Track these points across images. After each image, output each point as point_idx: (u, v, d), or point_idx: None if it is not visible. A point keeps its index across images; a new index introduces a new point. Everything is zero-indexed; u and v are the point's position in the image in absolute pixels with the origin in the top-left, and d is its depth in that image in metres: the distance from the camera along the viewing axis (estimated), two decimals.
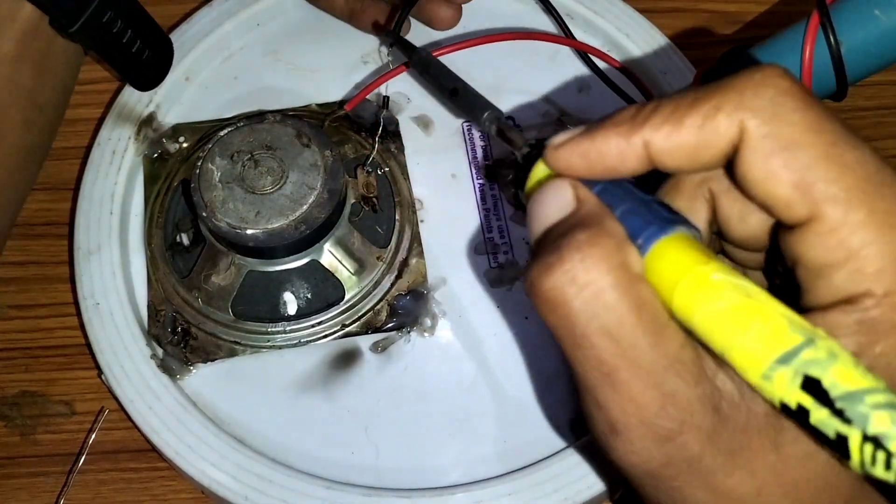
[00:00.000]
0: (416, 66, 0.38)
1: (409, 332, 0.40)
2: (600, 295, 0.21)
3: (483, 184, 0.43)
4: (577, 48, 0.46)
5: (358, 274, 0.40)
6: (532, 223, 0.24)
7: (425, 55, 0.38)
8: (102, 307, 0.39)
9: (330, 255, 0.39)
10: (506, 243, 0.42)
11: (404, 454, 0.38)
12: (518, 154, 0.27)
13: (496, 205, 0.43)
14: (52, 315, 0.43)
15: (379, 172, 0.42)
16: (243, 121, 0.39)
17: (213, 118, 0.44)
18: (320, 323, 0.39)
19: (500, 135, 0.30)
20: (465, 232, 0.42)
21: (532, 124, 0.44)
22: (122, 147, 0.43)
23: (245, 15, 0.47)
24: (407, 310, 0.40)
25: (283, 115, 0.39)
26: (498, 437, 0.38)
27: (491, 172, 0.43)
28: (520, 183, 0.26)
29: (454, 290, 0.41)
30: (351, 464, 0.37)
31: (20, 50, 0.38)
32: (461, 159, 0.44)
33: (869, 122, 0.48)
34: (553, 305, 0.22)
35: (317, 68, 0.46)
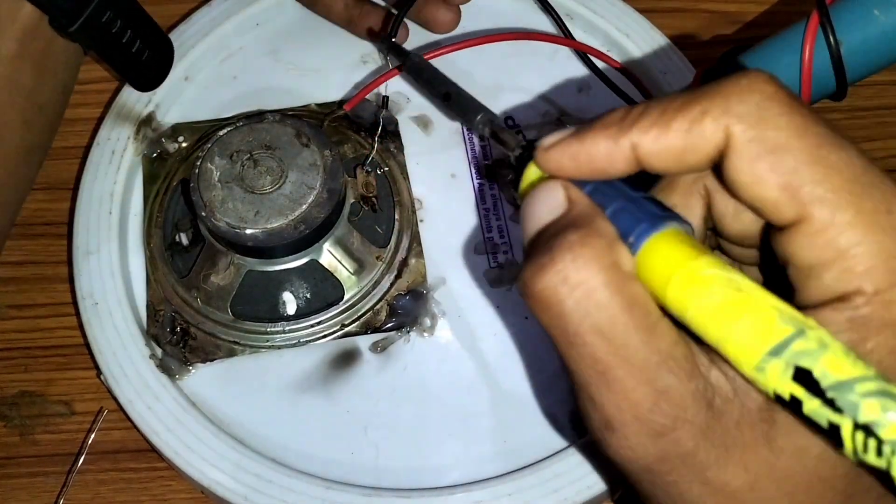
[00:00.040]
0: (409, 72, 0.38)
1: (408, 332, 0.40)
2: (592, 294, 0.22)
3: (483, 183, 0.43)
4: (577, 48, 0.46)
5: (357, 274, 0.40)
6: (525, 224, 0.24)
7: (417, 61, 0.38)
8: (101, 307, 0.39)
9: (329, 255, 0.39)
10: (505, 243, 0.42)
11: (404, 454, 0.38)
12: (511, 156, 0.27)
13: (496, 205, 0.43)
14: (51, 315, 0.43)
15: (378, 172, 0.42)
16: (242, 120, 0.39)
17: (212, 118, 0.44)
18: (319, 323, 0.39)
19: (494, 137, 0.30)
20: (464, 232, 0.42)
21: (532, 124, 0.44)
22: (122, 147, 0.43)
23: (245, 15, 0.47)
24: (406, 310, 0.40)
25: (283, 115, 0.39)
26: (497, 437, 0.38)
27: (490, 172, 0.43)
28: (515, 183, 0.26)
29: (454, 290, 0.41)
30: (350, 464, 0.37)
31: (20, 50, 0.38)
32: (461, 159, 0.44)
33: (869, 122, 0.48)
34: (546, 305, 0.22)
35: (316, 68, 0.46)
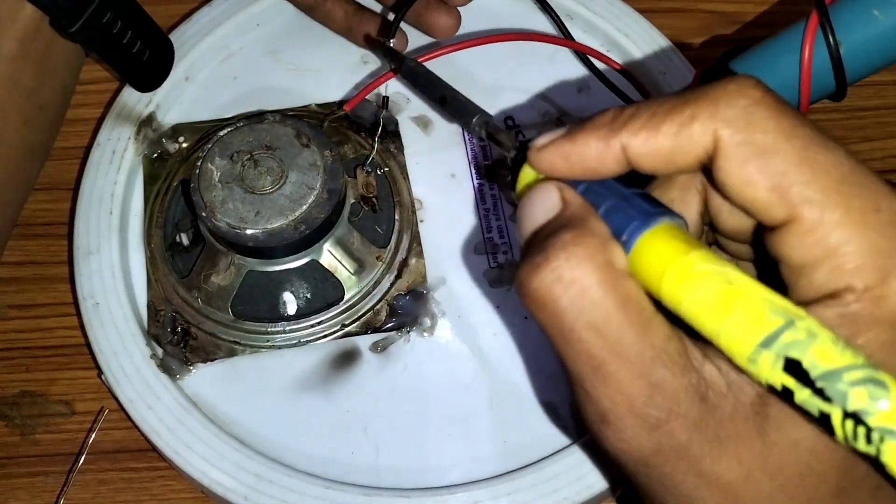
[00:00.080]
0: (404, 76, 0.38)
1: (408, 332, 0.40)
2: (586, 292, 0.22)
3: (482, 184, 0.43)
4: (576, 49, 0.46)
5: (357, 274, 0.40)
6: (521, 225, 0.25)
7: (413, 66, 0.38)
8: (102, 307, 0.39)
9: (329, 255, 0.39)
10: (505, 243, 0.42)
11: (404, 454, 0.38)
12: (508, 157, 0.27)
13: (496, 205, 0.43)
14: (52, 315, 0.43)
15: (378, 172, 0.42)
16: (243, 121, 0.39)
17: (212, 118, 0.45)
18: (320, 323, 0.39)
19: (490, 138, 0.30)
20: (464, 232, 0.42)
21: (532, 124, 0.44)
22: (122, 147, 0.43)
23: (245, 15, 0.47)
24: (406, 310, 0.40)
25: (283, 115, 0.39)
26: (497, 436, 0.38)
27: (490, 172, 0.43)
28: (513, 184, 0.27)
29: (454, 290, 0.41)
30: (350, 463, 0.37)
31: (21, 50, 0.39)
32: (461, 159, 0.44)
33: (869, 122, 0.48)
34: (542, 303, 0.23)
35: (316, 68, 0.46)
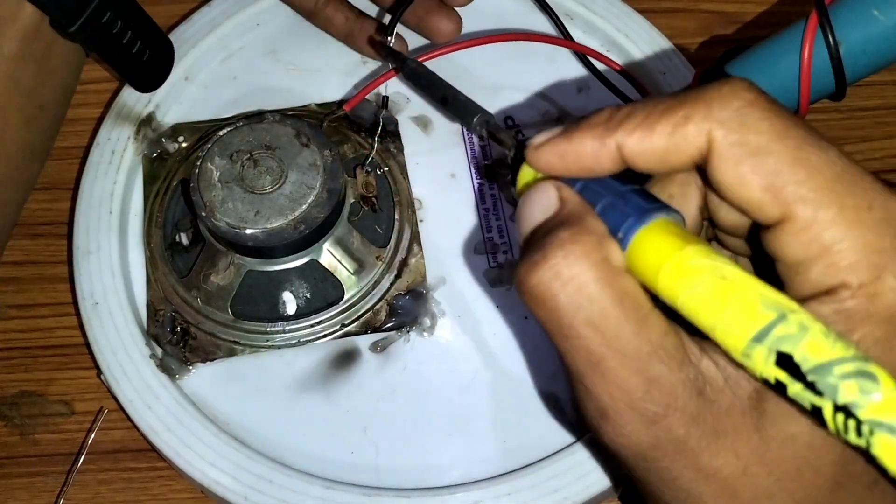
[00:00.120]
0: (406, 77, 0.39)
1: (408, 331, 0.40)
2: (583, 288, 0.22)
3: (482, 183, 0.43)
4: (576, 50, 0.46)
5: (357, 273, 0.40)
6: (520, 224, 0.25)
7: (414, 66, 0.38)
8: (101, 307, 0.39)
9: (329, 255, 0.39)
10: (505, 243, 0.42)
11: (404, 454, 0.38)
12: (508, 155, 0.28)
13: (495, 204, 0.43)
14: (52, 315, 0.43)
15: (378, 172, 0.42)
16: (242, 121, 0.39)
17: (212, 118, 0.45)
18: (319, 323, 0.39)
19: (492, 137, 0.31)
20: (464, 232, 0.42)
21: (531, 124, 0.44)
22: (122, 147, 0.43)
23: (245, 15, 0.47)
24: (406, 309, 0.40)
25: (283, 115, 0.39)
26: (497, 436, 0.38)
27: (490, 172, 0.43)
28: (513, 182, 0.27)
29: (454, 290, 0.41)
30: (350, 463, 0.37)
31: (21, 50, 0.39)
32: (460, 159, 0.44)
33: (869, 122, 0.48)
34: (541, 300, 0.23)
35: (316, 68, 0.46)
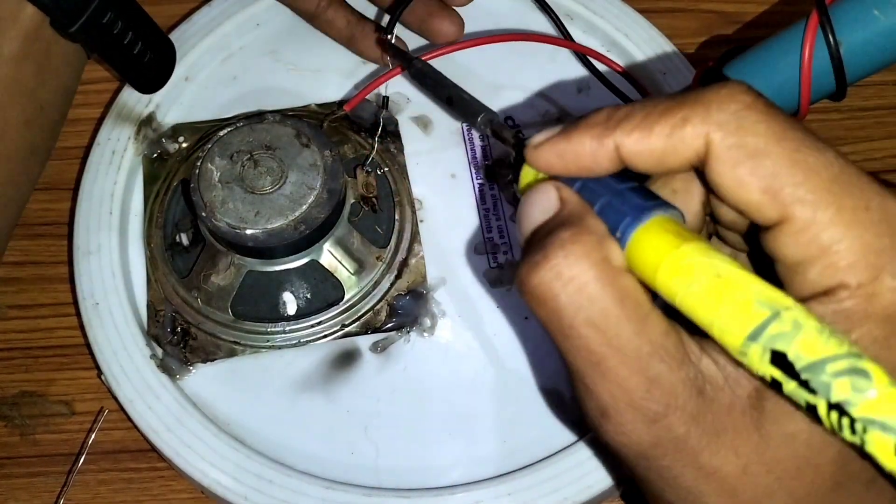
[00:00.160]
0: (412, 76, 0.39)
1: (408, 332, 0.40)
2: (584, 288, 0.23)
3: (482, 184, 0.43)
4: (576, 50, 0.46)
5: (357, 274, 0.40)
6: (520, 225, 0.25)
7: (420, 66, 0.38)
8: (102, 307, 0.39)
9: (329, 255, 0.39)
10: (505, 243, 0.42)
11: (404, 454, 0.38)
12: (512, 154, 0.28)
13: (496, 205, 0.43)
14: (52, 315, 0.43)
15: (378, 172, 0.42)
16: (243, 121, 0.39)
17: (212, 118, 0.45)
18: (320, 323, 0.39)
19: (495, 135, 0.31)
20: (464, 232, 0.42)
21: (532, 123, 0.44)
22: (122, 147, 0.43)
23: (245, 15, 0.47)
24: (406, 310, 0.40)
25: (283, 115, 0.39)
26: (498, 436, 0.38)
27: (490, 172, 0.43)
28: (515, 179, 0.27)
29: (454, 291, 0.41)
30: (350, 464, 0.37)
31: (22, 50, 0.39)
32: (461, 159, 0.44)
33: (869, 122, 0.48)
34: (542, 300, 0.23)
35: (316, 68, 0.46)
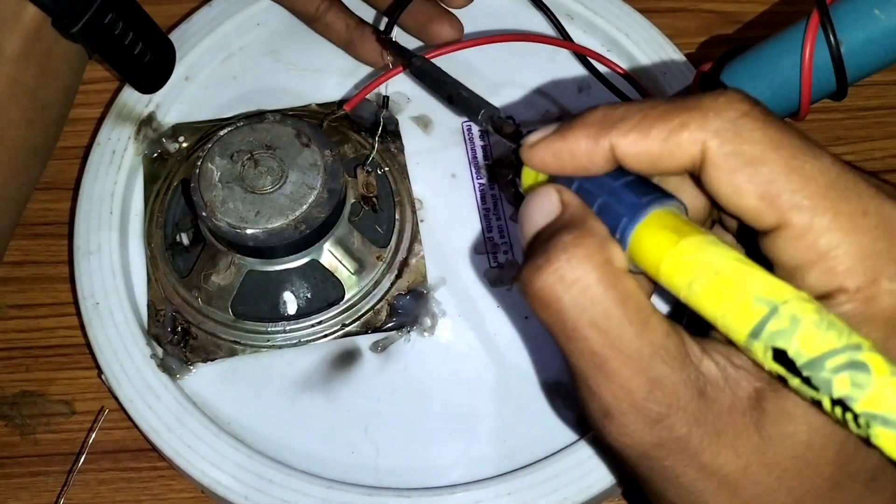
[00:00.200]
0: (413, 73, 0.39)
1: (408, 331, 0.40)
2: (587, 291, 0.23)
3: (483, 183, 0.43)
4: (576, 51, 0.45)
5: (358, 273, 0.40)
6: (522, 227, 0.26)
7: (420, 64, 0.38)
8: (102, 307, 0.39)
9: (330, 255, 0.39)
10: (505, 243, 0.42)
11: (404, 453, 0.38)
12: (512, 148, 0.28)
13: (496, 204, 0.43)
14: (52, 315, 0.43)
15: (379, 172, 0.42)
16: (243, 120, 0.39)
17: (212, 118, 0.45)
18: (320, 322, 0.39)
19: (497, 131, 0.31)
20: (464, 231, 0.42)
21: (532, 123, 0.44)
22: (122, 147, 0.43)
23: (245, 15, 0.47)
24: (407, 309, 0.40)
25: (283, 115, 0.39)
26: (498, 436, 0.38)
27: (491, 172, 0.43)
28: (517, 172, 0.27)
29: (454, 290, 0.41)
30: (351, 463, 0.37)
31: (24, 50, 0.39)
32: (461, 159, 0.44)
33: (869, 122, 0.48)
34: (545, 303, 0.23)
35: (316, 68, 0.46)
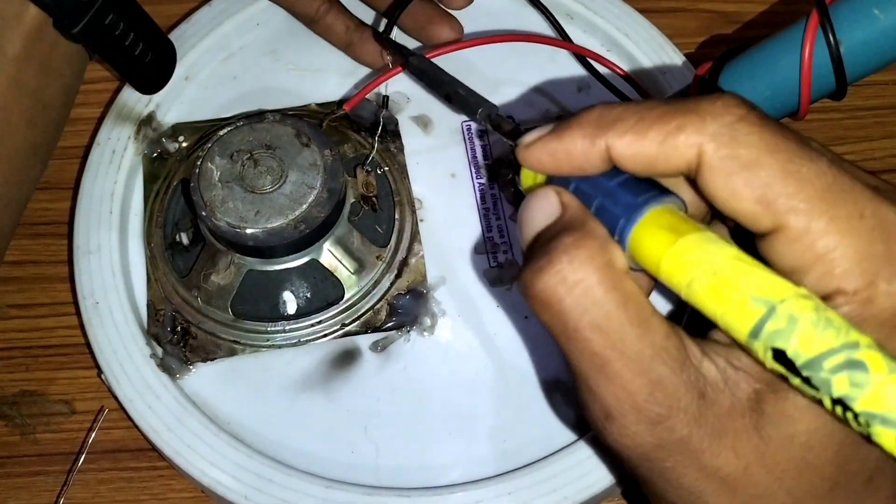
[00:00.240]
0: (411, 71, 0.39)
1: (408, 331, 0.40)
2: (588, 292, 0.23)
3: (483, 183, 0.43)
4: (575, 52, 0.45)
5: (357, 273, 0.40)
6: (522, 229, 0.26)
7: (417, 62, 0.38)
8: (102, 306, 0.39)
9: (329, 255, 0.39)
10: (505, 242, 0.42)
11: (404, 453, 0.38)
12: (511, 146, 0.29)
13: (496, 204, 0.43)
14: (52, 314, 0.43)
15: (378, 172, 0.42)
16: (243, 120, 0.39)
17: (212, 118, 0.45)
18: (320, 322, 0.39)
19: (496, 129, 0.31)
20: (464, 231, 0.42)
21: (532, 122, 0.44)
22: (122, 146, 0.43)
23: (245, 15, 0.47)
24: (406, 309, 0.40)
25: (283, 115, 0.39)
26: (498, 436, 0.38)
27: (491, 172, 0.43)
28: (517, 170, 0.27)
29: (454, 290, 0.41)
30: (350, 463, 0.37)
31: (25, 50, 0.39)
32: (461, 159, 0.44)
33: (868, 122, 0.48)
34: (546, 304, 0.23)
35: (316, 68, 0.46)
